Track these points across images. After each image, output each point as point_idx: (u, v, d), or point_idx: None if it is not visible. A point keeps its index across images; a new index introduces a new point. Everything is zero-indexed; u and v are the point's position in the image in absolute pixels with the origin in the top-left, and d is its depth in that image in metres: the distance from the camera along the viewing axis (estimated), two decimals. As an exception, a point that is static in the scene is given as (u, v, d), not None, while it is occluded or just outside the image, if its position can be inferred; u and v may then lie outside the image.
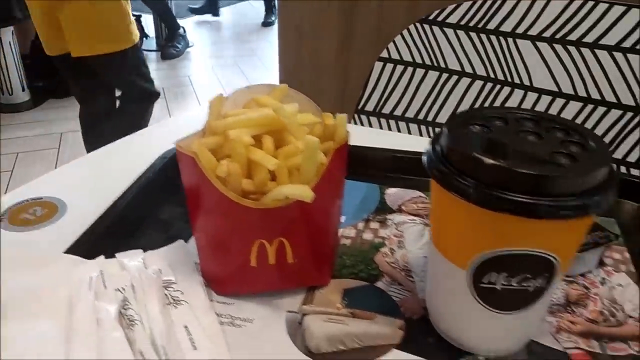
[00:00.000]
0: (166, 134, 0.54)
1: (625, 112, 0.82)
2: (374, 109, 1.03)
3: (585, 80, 0.84)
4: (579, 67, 0.85)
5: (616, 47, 0.82)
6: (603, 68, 0.83)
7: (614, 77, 0.83)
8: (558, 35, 0.85)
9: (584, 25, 0.83)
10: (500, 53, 0.91)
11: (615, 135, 0.83)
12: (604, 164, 0.24)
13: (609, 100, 0.83)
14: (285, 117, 0.31)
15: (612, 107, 0.83)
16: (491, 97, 0.93)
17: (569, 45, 0.85)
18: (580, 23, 0.84)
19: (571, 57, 0.85)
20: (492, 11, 0.90)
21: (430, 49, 0.96)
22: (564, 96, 0.86)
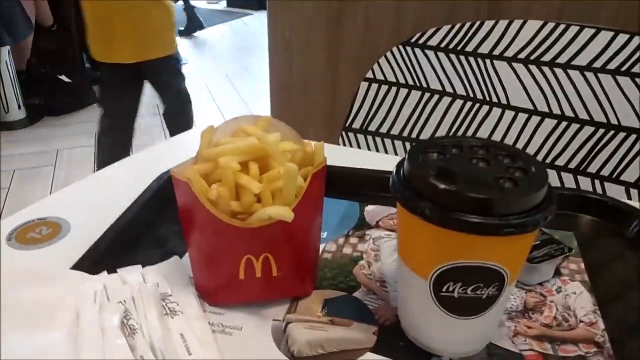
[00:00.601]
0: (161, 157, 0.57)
1: (597, 128, 0.87)
2: (361, 127, 1.07)
3: (559, 99, 0.89)
4: (553, 86, 0.89)
5: (587, 68, 0.87)
6: (575, 87, 0.87)
7: (586, 95, 0.88)
8: (532, 57, 0.90)
9: (556, 47, 0.88)
10: (478, 73, 0.96)
11: (589, 151, 0.87)
12: (541, 187, 0.28)
13: (582, 118, 0.88)
14: (269, 145, 0.34)
15: (585, 124, 0.88)
16: (470, 115, 0.97)
17: (543, 65, 0.90)
18: (553, 45, 0.89)
19: (545, 77, 0.90)
20: (470, 34, 0.95)
21: (412, 70, 1.01)
22: (539, 114, 0.91)
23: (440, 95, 1.00)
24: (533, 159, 0.31)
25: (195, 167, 0.34)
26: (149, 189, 0.48)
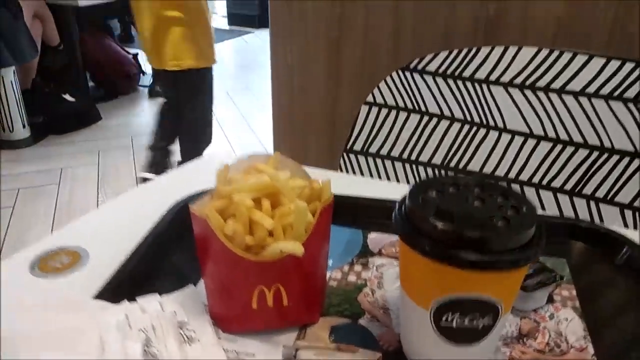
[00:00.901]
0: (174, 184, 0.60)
1: (591, 151, 0.90)
2: (362, 149, 1.10)
3: (554, 123, 0.92)
4: (548, 111, 0.92)
5: (581, 93, 0.90)
6: (570, 112, 0.90)
7: (580, 119, 0.91)
8: (528, 82, 0.93)
9: (551, 73, 0.92)
10: (475, 98, 0.99)
11: (584, 173, 0.90)
12: (531, 226, 0.31)
13: (576, 141, 0.91)
14: (279, 183, 0.37)
15: (579, 147, 0.91)
16: (468, 138, 1.00)
17: (538, 91, 0.93)
18: (547, 71, 0.92)
19: (540, 102, 0.93)
20: (467, 60, 0.98)
21: (411, 94, 1.04)
22: (535, 137, 0.94)
23: (439, 118, 1.03)
24: (523, 198, 0.33)
25: (212, 204, 0.37)
26: (165, 218, 0.51)
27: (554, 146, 0.93)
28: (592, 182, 0.89)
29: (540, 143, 0.94)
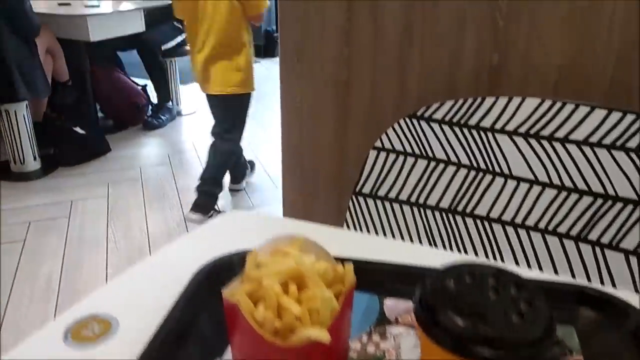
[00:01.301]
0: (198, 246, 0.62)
1: (595, 198, 0.93)
2: (370, 192, 1.13)
3: (559, 170, 0.95)
4: (552, 159, 0.95)
5: (584, 142, 0.93)
6: (574, 160, 0.93)
7: (583, 168, 0.93)
8: (532, 131, 0.96)
9: (554, 123, 0.95)
10: (481, 145, 1.02)
11: (588, 219, 0.93)
12: (544, 321, 0.33)
13: (580, 189, 0.94)
14: (305, 267, 0.40)
15: (583, 194, 0.93)
16: (474, 184, 1.03)
17: (542, 139, 0.96)
18: (550, 121, 0.95)
19: (544, 150, 0.96)
20: (473, 109, 1.02)
21: (418, 140, 1.07)
22: (540, 184, 0.97)
23: (446, 164, 1.06)
24: (535, 289, 0.36)
25: (242, 288, 0.39)
26: (191, 285, 0.53)
27: (558, 193, 0.96)
28: (597, 229, 0.92)
29: (545, 190, 0.96)
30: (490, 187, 1.02)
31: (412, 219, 1.10)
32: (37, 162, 2.48)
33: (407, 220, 1.11)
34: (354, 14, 1.25)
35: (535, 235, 0.99)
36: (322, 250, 0.43)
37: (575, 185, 0.95)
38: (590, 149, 0.93)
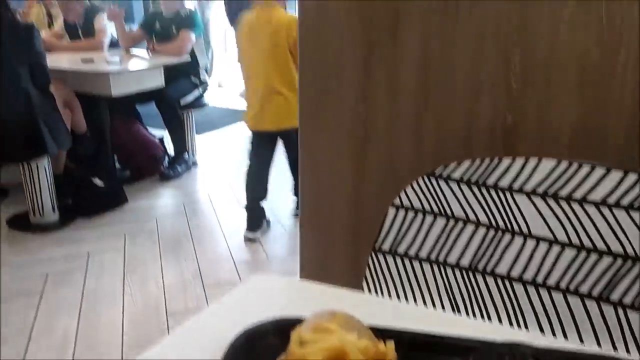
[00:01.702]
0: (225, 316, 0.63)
1: (615, 259, 0.93)
2: (390, 249, 1.14)
3: (578, 231, 0.96)
4: (571, 219, 0.97)
5: (602, 203, 0.94)
6: (592, 220, 0.94)
7: (602, 228, 0.94)
8: (550, 192, 0.98)
9: (571, 184, 0.96)
10: (499, 205, 1.04)
11: (609, 280, 0.93)
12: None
13: (600, 249, 0.94)
14: (348, 346, 0.41)
15: (603, 255, 0.94)
16: (494, 243, 1.04)
17: (560, 200, 0.98)
18: (568, 182, 0.97)
19: (563, 211, 0.97)
20: (490, 169, 1.04)
21: (437, 199, 1.09)
22: (560, 244, 0.98)
23: (465, 223, 1.07)
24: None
25: (288, 367, 0.41)
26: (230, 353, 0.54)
27: (578, 253, 0.96)
28: (618, 289, 0.92)
29: (565, 249, 0.97)
30: (510, 246, 1.03)
31: (433, 277, 1.11)
32: (56, 213, 2.52)
33: (427, 278, 1.11)
34: (371, 73, 1.30)
35: (557, 295, 0.99)
36: (363, 327, 0.44)
37: (595, 246, 0.96)
38: (608, 210, 0.94)
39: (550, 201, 0.99)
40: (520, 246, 1.02)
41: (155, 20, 3.24)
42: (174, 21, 3.17)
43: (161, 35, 3.19)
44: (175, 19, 3.17)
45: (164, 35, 3.17)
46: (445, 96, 1.20)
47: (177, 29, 3.14)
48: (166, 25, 3.18)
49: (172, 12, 3.16)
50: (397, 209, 1.14)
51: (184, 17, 3.16)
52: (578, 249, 0.96)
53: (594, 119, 1.11)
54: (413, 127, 1.28)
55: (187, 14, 3.20)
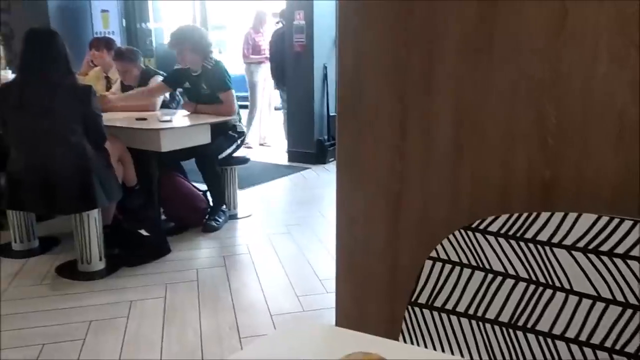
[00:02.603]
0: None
1: (663, 317, 0.90)
2: (426, 302, 1.14)
3: (622, 287, 0.94)
4: (614, 274, 0.94)
5: (646, 259, 0.92)
6: (637, 277, 0.92)
7: (648, 285, 0.92)
8: (590, 246, 0.97)
9: (613, 239, 0.95)
10: (539, 259, 1.03)
11: (657, 340, 0.89)
12: None
13: (646, 307, 0.91)
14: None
15: (650, 313, 0.91)
16: (534, 298, 1.02)
17: (602, 255, 0.96)
18: (609, 237, 0.95)
19: (605, 266, 0.96)
20: (528, 223, 1.04)
21: (475, 252, 1.09)
22: (604, 300, 0.95)
23: (504, 277, 1.06)
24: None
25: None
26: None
27: (623, 310, 0.93)
28: (668, 350, 0.88)
29: (609, 307, 0.95)
30: (551, 302, 1.01)
31: (471, 332, 1.09)
32: (102, 262, 2.61)
33: (465, 333, 1.09)
34: (406, 126, 1.34)
35: (602, 354, 0.95)
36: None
37: (641, 303, 0.93)
38: (653, 266, 0.92)
39: (591, 256, 0.97)
40: (562, 302, 1.00)
41: (183, 78, 3.27)
42: (203, 79, 3.21)
43: (192, 93, 3.26)
44: (204, 76, 3.20)
45: (196, 93, 3.23)
46: (480, 149, 1.23)
47: (210, 88, 3.19)
48: (196, 83, 3.23)
49: (199, 68, 3.20)
50: (433, 262, 1.14)
51: (215, 76, 3.18)
52: (623, 307, 0.94)
53: (634, 175, 1.10)
54: (449, 180, 1.30)
55: (216, 70, 3.20)
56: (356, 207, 1.47)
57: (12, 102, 2.35)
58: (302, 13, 4.86)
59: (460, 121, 1.26)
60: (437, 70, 1.26)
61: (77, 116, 2.35)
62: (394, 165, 1.38)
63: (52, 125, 2.32)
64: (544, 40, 1.12)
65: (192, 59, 3.15)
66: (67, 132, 2.34)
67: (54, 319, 2.16)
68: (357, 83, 1.41)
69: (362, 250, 1.47)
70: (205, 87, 3.21)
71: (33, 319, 2.15)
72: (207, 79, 3.21)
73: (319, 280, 2.54)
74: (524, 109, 1.17)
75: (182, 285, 2.47)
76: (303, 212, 3.65)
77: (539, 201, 1.16)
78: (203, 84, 3.21)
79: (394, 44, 1.31)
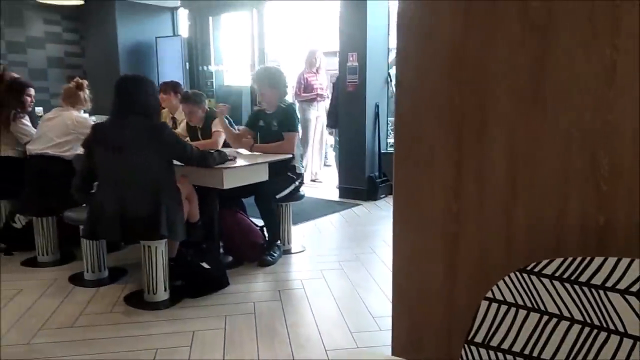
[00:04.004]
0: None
1: None
2: (483, 341, 1.18)
3: (678, 332, 0.96)
4: (669, 319, 0.97)
5: (702, 305, 0.95)
6: (691, 322, 0.94)
7: None
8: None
9: (668, 284, 0.98)
10: (593, 302, 1.06)
11: None
12: None
13: None
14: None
15: None
16: (589, 340, 1.06)
17: (656, 299, 0.99)
18: (664, 282, 0.99)
19: (659, 311, 0.98)
20: (582, 267, 1.08)
21: (530, 294, 1.14)
22: (659, 345, 0.98)
23: (559, 319, 1.10)
24: None
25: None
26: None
27: (680, 356, 0.95)
28: None
29: (665, 351, 0.97)
30: (605, 345, 1.04)
31: (527, 373, 1.12)
32: (167, 293, 2.77)
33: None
34: (462, 170, 1.41)
35: (659, 398, 0.97)
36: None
37: (699, 349, 0.95)
38: None
39: (645, 301, 1.00)
40: (616, 345, 1.03)
41: (259, 118, 3.60)
42: (275, 117, 3.51)
43: (264, 130, 3.53)
44: (277, 115, 3.51)
45: (267, 131, 3.51)
46: (535, 194, 1.28)
47: (279, 125, 3.47)
48: (268, 121, 3.53)
49: (273, 107, 3.53)
50: (490, 302, 1.19)
51: (287, 116, 3.48)
52: (679, 352, 0.96)
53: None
54: (504, 224, 1.35)
55: (288, 110, 3.50)
56: (413, 246, 1.54)
57: (101, 141, 2.66)
58: (355, 55, 5.06)
59: (514, 166, 1.32)
60: (491, 117, 1.34)
61: (154, 152, 2.58)
62: (449, 207, 1.44)
63: (132, 162, 2.57)
64: (594, 91, 1.18)
65: (270, 96, 3.49)
66: (144, 169, 2.57)
67: (123, 345, 2.31)
68: (414, 127, 1.49)
69: (419, 288, 1.53)
70: (276, 124, 3.50)
71: (104, 345, 2.31)
72: (279, 117, 3.50)
73: (372, 318, 2.59)
74: (577, 156, 1.22)
75: (240, 317, 2.58)
76: (355, 248, 3.71)
77: (592, 245, 1.20)
78: (274, 121, 3.50)
79: (449, 92, 1.40)
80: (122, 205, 2.60)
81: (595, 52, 1.17)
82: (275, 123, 3.49)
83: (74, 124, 3.30)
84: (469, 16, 1.33)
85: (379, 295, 2.87)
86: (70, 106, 3.38)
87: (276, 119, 3.50)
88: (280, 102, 3.53)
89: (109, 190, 2.64)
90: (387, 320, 2.53)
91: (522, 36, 1.26)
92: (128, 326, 2.49)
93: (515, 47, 1.27)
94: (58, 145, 3.29)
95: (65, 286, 3.01)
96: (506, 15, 1.27)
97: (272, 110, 3.54)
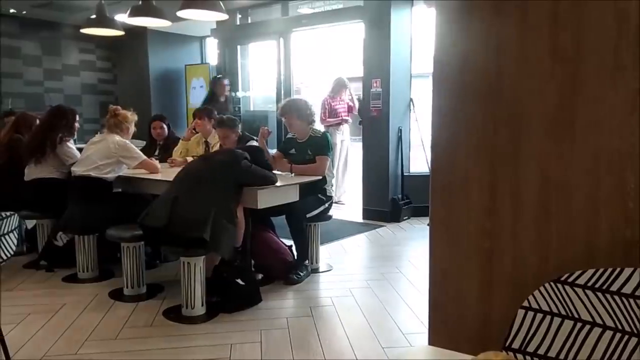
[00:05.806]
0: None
1: None
2: (520, 347, 1.28)
3: (703, 337, 1.05)
4: (695, 325, 1.06)
5: None
6: None
7: None
8: (672, 300, 1.09)
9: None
10: (624, 309, 1.16)
11: None
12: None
13: None
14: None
15: None
16: (621, 346, 1.15)
17: (684, 309, 1.08)
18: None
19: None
20: (613, 277, 1.18)
21: (564, 302, 1.23)
22: (688, 349, 1.06)
23: (592, 326, 1.20)
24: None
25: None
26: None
27: None
28: None
29: (693, 355, 1.05)
30: (637, 349, 1.13)
31: (563, 376, 1.21)
32: (204, 308, 2.89)
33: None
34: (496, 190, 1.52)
35: (688, 399, 1.05)
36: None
37: None
38: None
39: (673, 309, 1.09)
40: (647, 350, 1.11)
41: (292, 146, 3.79)
42: (308, 145, 3.70)
43: (295, 157, 3.72)
44: (309, 143, 3.71)
45: (300, 158, 3.70)
46: (566, 211, 1.39)
47: (313, 152, 3.65)
48: (302, 149, 3.72)
49: (305, 136, 3.72)
50: (526, 311, 1.29)
51: (319, 143, 3.68)
52: None
53: None
54: (536, 239, 1.45)
55: (321, 138, 3.71)
56: (449, 262, 1.64)
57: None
58: (379, 81, 5.22)
59: (545, 187, 1.43)
60: (523, 142, 1.45)
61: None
62: (484, 225, 1.55)
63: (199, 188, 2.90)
64: (620, 118, 1.29)
65: (297, 125, 3.71)
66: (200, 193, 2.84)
67: (166, 356, 2.42)
68: (450, 151, 1.61)
69: (455, 302, 1.63)
70: (310, 152, 3.69)
71: (147, 356, 2.43)
72: (313, 145, 3.70)
73: (402, 334, 2.67)
74: (605, 176, 1.33)
75: (275, 332, 2.68)
76: (381, 268, 3.80)
77: (620, 257, 1.30)
78: (309, 150, 3.70)
79: (483, 119, 1.52)
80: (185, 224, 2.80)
81: (621, 81, 1.28)
82: (310, 152, 3.69)
83: (116, 148, 3.48)
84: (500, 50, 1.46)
85: (407, 312, 2.95)
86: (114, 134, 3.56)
87: (309, 147, 3.70)
88: (312, 132, 3.74)
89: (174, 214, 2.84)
90: (417, 337, 2.61)
91: (551, 67, 1.38)
92: (169, 339, 2.61)
93: (545, 78, 1.39)
94: (99, 168, 3.47)
95: (106, 301, 3.15)
96: (537, 49, 1.40)
97: (303, 139, 3.73)
